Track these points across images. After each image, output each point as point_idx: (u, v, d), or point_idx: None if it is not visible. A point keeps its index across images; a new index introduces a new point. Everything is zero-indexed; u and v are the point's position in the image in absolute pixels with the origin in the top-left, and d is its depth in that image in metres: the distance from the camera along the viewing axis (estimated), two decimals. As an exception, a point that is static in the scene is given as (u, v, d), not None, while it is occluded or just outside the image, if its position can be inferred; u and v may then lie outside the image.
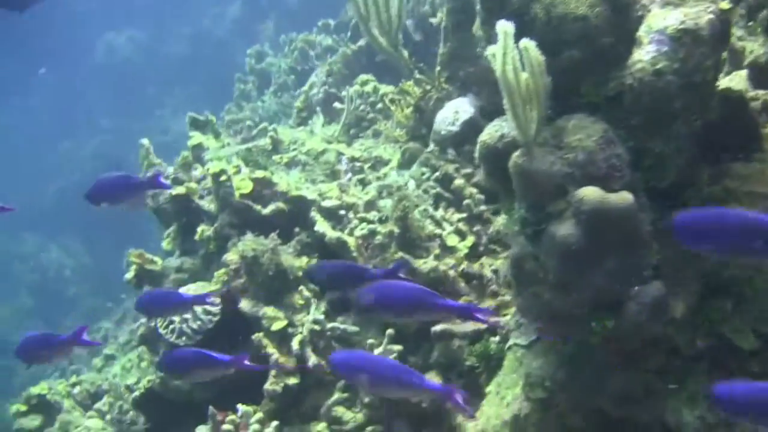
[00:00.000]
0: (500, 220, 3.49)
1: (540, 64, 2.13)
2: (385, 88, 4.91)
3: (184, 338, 3.67)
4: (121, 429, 3.95)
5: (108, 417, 4.45)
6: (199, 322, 3.65)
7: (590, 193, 2.16)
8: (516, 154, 2.30)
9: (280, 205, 3.81)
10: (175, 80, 14.44)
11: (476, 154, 2.66)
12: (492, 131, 2.53)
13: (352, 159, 4.36)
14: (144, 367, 4.29)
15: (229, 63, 10.47)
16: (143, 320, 4.06)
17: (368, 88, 4.94)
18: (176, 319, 3.68)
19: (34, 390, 5.08)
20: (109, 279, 16.05)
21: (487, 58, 2.18)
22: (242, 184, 3.82)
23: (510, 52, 2.09)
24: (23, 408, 5.07)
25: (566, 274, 2.26)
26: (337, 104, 5.11)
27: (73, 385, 5.07)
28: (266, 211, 3.82)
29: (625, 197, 2.15)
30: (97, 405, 4.57)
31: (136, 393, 4.01)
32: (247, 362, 2.95)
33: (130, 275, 3.98)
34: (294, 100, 7.00)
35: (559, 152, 2.26)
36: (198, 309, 3.65)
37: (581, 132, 2.25)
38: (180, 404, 3.89)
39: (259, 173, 3.88)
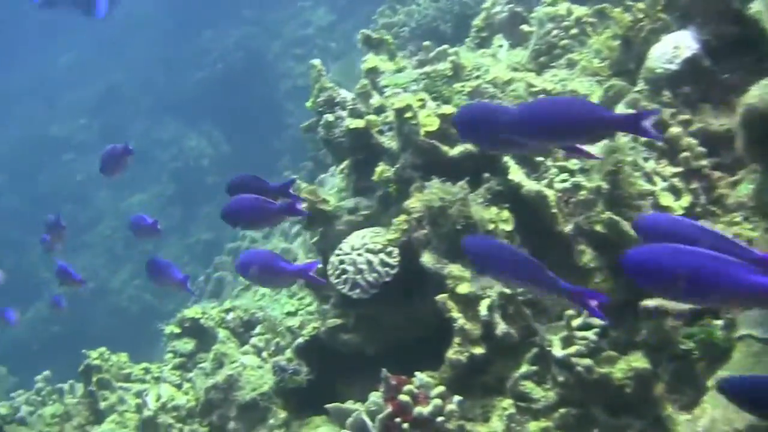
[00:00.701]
0: (742, 190, 3.16)
1: None
2: (578, 10, 4.52)
3: (358, 291, 3.55)
4: (283, 378, 3.91)
5: (264, 354, 4.45)
6: (375, 275, 3.53)
7: None
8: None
9: (470, 147, 3.57)
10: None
11: (738, 119, 2.34)
12: (764, 92, 2.20)
13: (544, 92, 4.07)
14: (308, 309, 4.23)
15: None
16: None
17: (561, 9, 4.55)
18: (350, 269, 3.56)
19: (188, 313, 5.16)
20: (246, 168, 16.35)
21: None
22: (428, 120, 3.60)
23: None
24: (177, 330, 5.16)
25: None
26: (524, 27, 4.76)
27: (227, 311, 5.10)
28: (454, 152, 3.60)
29: None
30: (253, 340, 4.57)
31: (300, 340, 3.96)
32: (312, 274, 3.06)
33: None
34: (453, 6, 6.68)
35: None
36: (375, 260, 3.53)
37: None
38: (347, 357, 3.82)
39: (447, 109, 3.65)
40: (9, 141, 18.98)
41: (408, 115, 3.57)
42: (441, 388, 3.17)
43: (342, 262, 3.63)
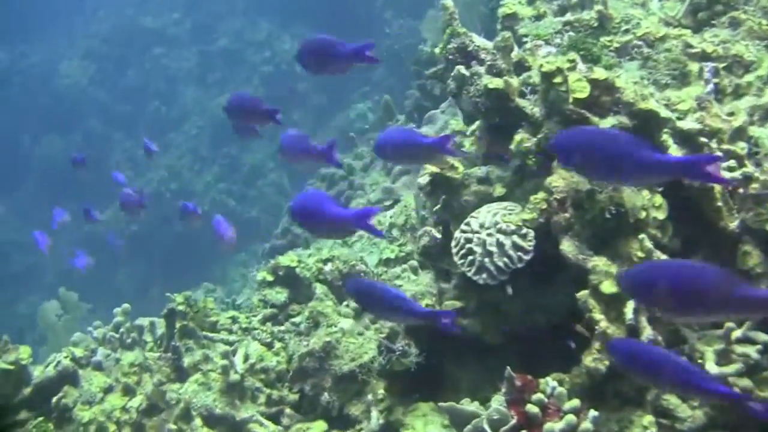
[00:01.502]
0: None
1: None
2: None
3: (485, 276, 3.34)
4: (390, 360, 3.74)
5: (366, 320, 4.29)
6: (506, 259, 3.30)
7: None
8: None
9: (623, 119, 3.27)
10: None
11: None
12: None
13: (703, 55, 3.71)
14: (421, 280, 4.03)
15: None
16: (428, 230, 3.76)
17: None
18: (478, 250, 3.34)
19: (283, 260, 5.02)
20: (340, 77, 16.16)
21: None
22: (578, 86, 3.31)
23: None
24: (270, 278, 5.04)
25: None
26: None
27: (325, 261, 4.93)
28: (604, 124, 3.30)
29: None
30: (353, 304, 4.40)
31: (410, 317, 3.76)
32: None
33: (424, 180, 3.64)
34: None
35: None
36: (507, 242, 3.30)
37: None
38: (461, 340, 3.62)
39: (600, 73, 3.35)
40: (100, 32, 19.06)
41: (557, 80, 3.28)
42: (575, 402, 2.98)
43: (469, 240, 3.42)
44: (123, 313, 5.70)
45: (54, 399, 4.52)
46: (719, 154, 3.24)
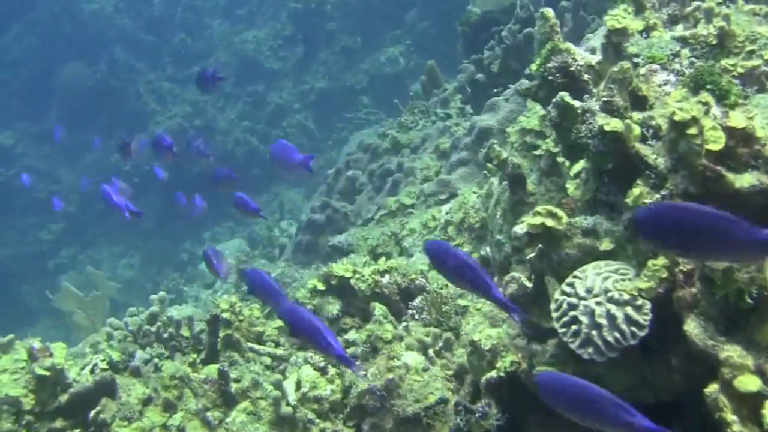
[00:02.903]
0: None
1: None
2: None
3: (591, 350, 2.86)
4: (468, 421, 3.29)
5: (431, 352, 3.84)
6: (617, 335, 2.81)
7: None
8: None
9: (763, 177, 2.75)
10: None
11: None
12: None
13: None
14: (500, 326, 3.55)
15: None
16: (516, 277, 3.27)
17: None
18: (584, 320, 2.85)
19: (336, 269, 4.56)
20: (371, 18, 15.71)
21: None
22: (713, 135, 2.78)
23: None
24: (321, 286, 4.58)
25: None
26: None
27: (383, 272, 4.46)
28: (741, 183, 2.78)
29: None
30: (418, 333, 3.94)
31: (492, 375, 3.33)
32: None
33: (520, 230, 3.14)
34: None
35: None
36: (619, 315, 2.81)
37: None
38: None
39: (738, 120, 2.82)
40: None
41: (691, 131, 2.74)
42: None
43: (573, 307, 2.93)
44: (159, 302, 5.28)
45: (92, 414, 4.13)
46: None
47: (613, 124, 2.98)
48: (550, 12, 3.53)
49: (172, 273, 14.30)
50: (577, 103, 3.26)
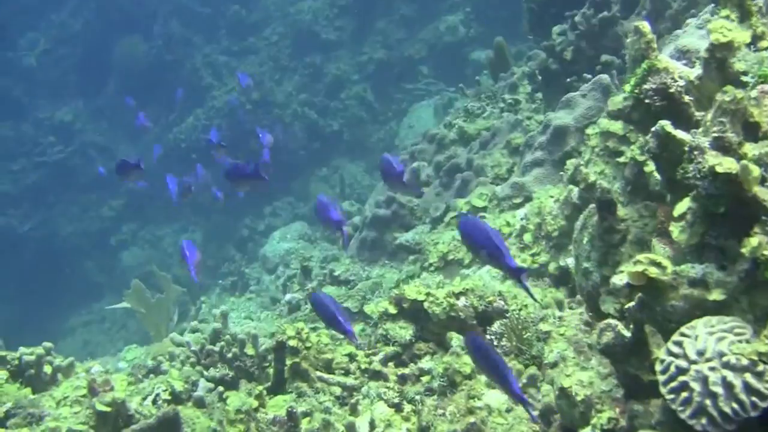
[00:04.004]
0: None
1: None
2: None
3: (705, 422, 2.54)
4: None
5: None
6: (735, 405, 2.49)
7: None
8: None
9: None
10: None
11: None
12: None
13: None
14: (591, 371, 3.24)
15: None
16: (613, 325, 2.96)
17: None
18: (696, 387, 2.54)
19: (409, 292, 4.29)
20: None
21: None
22: None
23: None
24: (392, 310, 4.32)
25: None
26: None
27: (458, 295, 4.17)
28: None
29: None
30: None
31: None
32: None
33: (620, 281, 2.81)
34: None
35: None
36: (737, 383, 2.49)
37: None
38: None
39: None
40: None
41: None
42: None
43: (682, 371, 2.61)
44: (222, 317, 5.07)
45: (155, 456, 3.90)
46: None
47: (727, 164, 2.63)
48: (646, 26, 3.18)
49: (232, 250, 14.19)
50: (679, 134, 2.91)
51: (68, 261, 15.90)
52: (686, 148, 2.74)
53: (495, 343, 4.13)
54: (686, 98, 3.08)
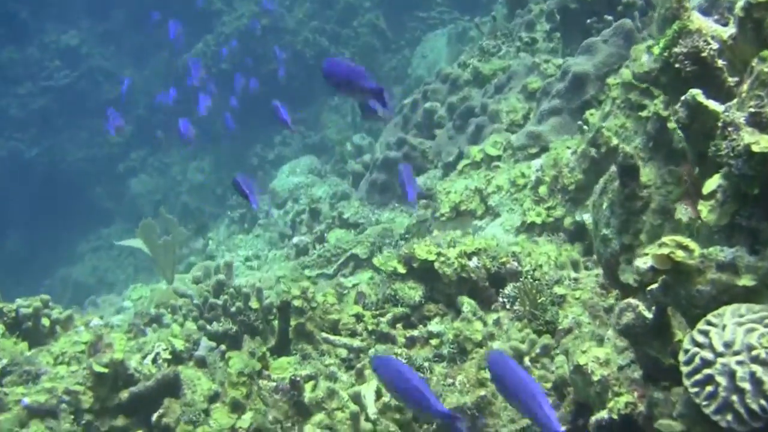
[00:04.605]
0: None
1: None
2: None
3: (730, 418, 2.39)
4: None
5: (526, 360, 3.42)
6: (763, 402, 2.33)
7: None
8: None
9: None
10: None
11: None
12: None
13: None
14: (608, 345, 3.10)
15: None
16: (634, 305, 2.80)
17: None
18: (722, 382, 2.38)
19: (419, 251, 4.16)
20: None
21: None
22: None
23: None
24: (401, 269, 4.19)
25: None
26: None
27: (470, 255, 4.01)
28: None
29: None
30: (512, 336, 3.51)
31: (602, 415, 2.92)
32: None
33: (644, 265, 2.63)
34: None
35: None
36: (766, 380, 2.33)
37: None
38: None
39: None
40: None
41: None
42: None
43: (708, 363, 2.44)
44: (225, 268, 4.94)
45: (155, 417, 3.80)
46: None
47: (764, 143, 2.43)
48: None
49: (242, 181, 14.02)
50: (711, 104, 2.70)
51: (76, 187, 15.83)
52: (720, 124, 2.54)
53: (508, 307, 3.99)
54: (719, 63, 2.86)
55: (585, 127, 4.87)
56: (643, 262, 2.71)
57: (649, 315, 2.82)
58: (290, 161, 11.25)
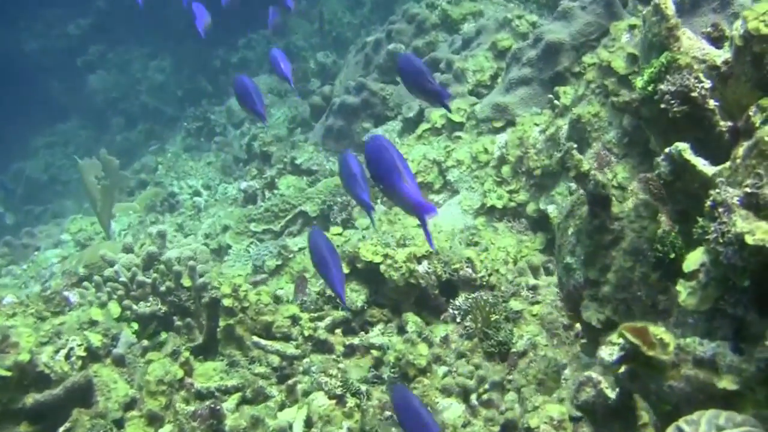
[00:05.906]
0: None
1: None
2: None
3: None
4: None
5: (473, 399, 3.09)
6: None
7: None
8: None
9: None
10: None
11: None
12: None
13: None
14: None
15: None
16: (596, 381, 2.44)
17: None
18: None
19: (364, 252, 3.88)
20: None
21: None
22: None
23: None
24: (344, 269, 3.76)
25: None
26: None
27: (420, 259, 3.63)
28: None
29: None
30: (459, 371, 3.16)
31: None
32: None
33: (610, 356, 2.25)
34: None
35: None
36: None
37: None
38: None
39: None
40: None
41: None
42: None
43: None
44: (159, 237, 4.52)
45: (61, 431, 3.41)
46: None
47: (761, 234, 2.01)
48: (668, 5, 2.47)
49: (203, 82, 13.51)
50: (699, 164, 2.28)
51: (32, 80, 15.17)
52: (709, 203, 2.11)
53: (458, 320, 3.61)
54: (711, 104, 2.42)
55: (555, 102, 4.41)
56: (608, 353, 2.31)
57: (611, 395, 2.46)
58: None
